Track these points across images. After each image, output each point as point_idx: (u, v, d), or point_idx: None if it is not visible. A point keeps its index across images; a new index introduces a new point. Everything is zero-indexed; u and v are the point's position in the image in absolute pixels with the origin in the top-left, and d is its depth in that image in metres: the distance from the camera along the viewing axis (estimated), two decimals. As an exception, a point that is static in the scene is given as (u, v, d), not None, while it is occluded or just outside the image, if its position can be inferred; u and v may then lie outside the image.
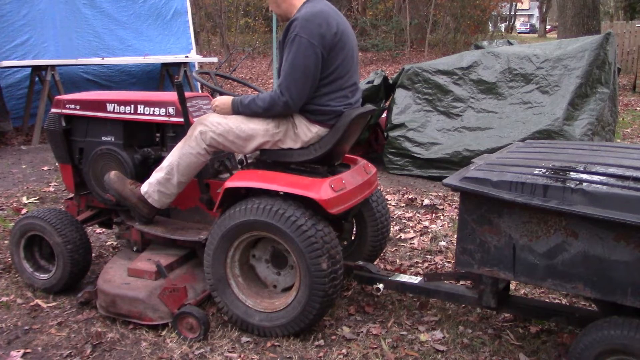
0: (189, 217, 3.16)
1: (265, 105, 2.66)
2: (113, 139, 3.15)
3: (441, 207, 4.78)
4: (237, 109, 2.75)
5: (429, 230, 4.24)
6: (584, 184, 2.09)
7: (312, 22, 2.57)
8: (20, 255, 3.26)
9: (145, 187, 2.91)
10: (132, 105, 3.09)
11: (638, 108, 10.35)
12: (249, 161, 3.05)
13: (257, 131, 2.72)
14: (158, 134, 3.21)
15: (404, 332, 2.79)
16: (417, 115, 5.94)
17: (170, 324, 2.78)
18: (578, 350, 2.14)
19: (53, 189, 5.28)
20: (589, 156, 2.45)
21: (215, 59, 10.28)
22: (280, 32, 2.82)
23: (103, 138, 3.18)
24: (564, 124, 5.27)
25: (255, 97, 2.72)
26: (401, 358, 2.59)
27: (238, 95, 2.82)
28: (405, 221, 4.44)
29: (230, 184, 2.69)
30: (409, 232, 4.20)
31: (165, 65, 8.85)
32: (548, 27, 45.14)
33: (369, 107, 2.93)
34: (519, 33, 44.75)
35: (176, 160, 2.79)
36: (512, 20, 42.80)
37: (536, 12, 53.42)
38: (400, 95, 6.10)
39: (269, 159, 2.83)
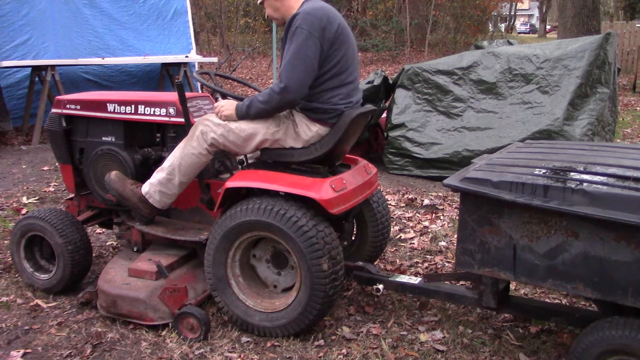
0: (189, 218, 3.16)
1: (265, 98, 2.65)
2: (113, 139, 3.15)
3: (441, 207, 4.78)
4: (241, 113, 2.73)
5: (429, 230, 4.24)
6: (585, 184, 2.09)
7: (314, 15, 2.61)
8: (21, 255, 3.26)
9: (146, 188, 2.91)
10: (133, 106, 3.09)
11: (638, 108, 10.35)
12: (250, 161, 3.05)
13: (258, 130, 2.73)
14: (159, 134, 3.21)
15: (404, 332, 2.79)
16: (417, 115, 5.94)
17: (170, 324, 2.79)
18: (579, 351, 2.14)
19: (53, 189, 5.27)
20: (589, 156, 2.45)
21: (215, 59, 10.27)
22: (280, 32, 2.83)
23: (103, 138, 3.18)
24: (564, 124, 5.28)
25: (255, 96, 2.71)
26: (401, 358, 2.59)
27: (239, 97, 2.82)
28: (405, 221, 4.44)
29: (230, 184, 2.69)
30: (409, 232, 4.21)
31: (165, 65, 8.85)
32: (548, 27, 45.13)
33: (370, 107, 2.93)
34: (519, 33, 44.71)
35: (177, 160, 2.79)
36: (512, 21, 42.79)
37: (536, 12, 53.41)
38: (400, 95, 6.10)
39: (270, 158, 2.83)
